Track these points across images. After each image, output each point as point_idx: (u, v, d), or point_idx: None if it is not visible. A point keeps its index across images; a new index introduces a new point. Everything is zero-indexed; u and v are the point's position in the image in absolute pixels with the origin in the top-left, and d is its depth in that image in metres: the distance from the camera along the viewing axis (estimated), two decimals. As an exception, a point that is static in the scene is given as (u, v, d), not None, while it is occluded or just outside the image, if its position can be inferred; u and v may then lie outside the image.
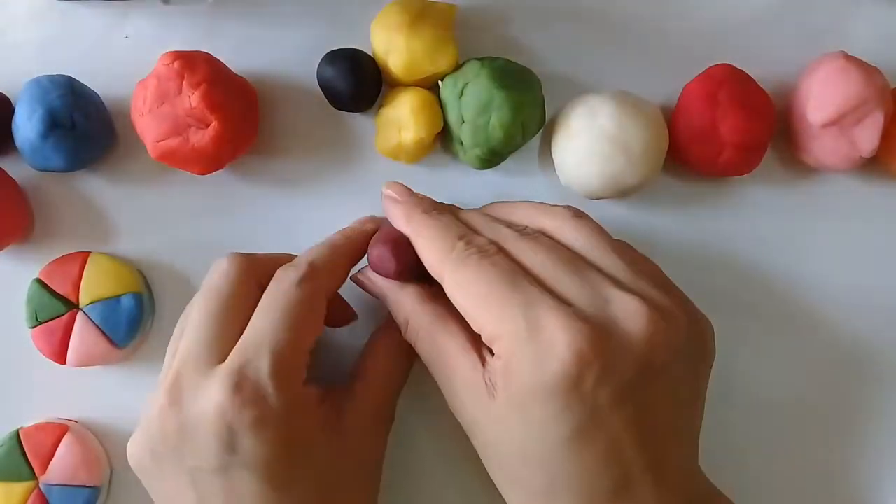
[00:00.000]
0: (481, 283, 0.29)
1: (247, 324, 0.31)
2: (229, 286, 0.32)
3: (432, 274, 0.31)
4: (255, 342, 0.30)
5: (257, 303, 0.31)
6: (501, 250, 0.31)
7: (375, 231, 0.35)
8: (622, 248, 0.32)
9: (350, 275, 0.34)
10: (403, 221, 0.33)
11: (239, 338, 0.30)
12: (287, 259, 0.33)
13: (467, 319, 0.30)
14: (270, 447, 0.29)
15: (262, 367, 0.29)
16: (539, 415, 0.28)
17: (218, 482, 0.29)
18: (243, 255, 0.33)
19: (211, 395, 0.29)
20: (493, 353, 0.29)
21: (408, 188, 0.34)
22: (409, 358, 0.35)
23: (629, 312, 0.29)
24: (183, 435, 0.29)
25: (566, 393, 0.27)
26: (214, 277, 0.32)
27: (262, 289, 0.32)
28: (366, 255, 0.34)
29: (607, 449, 0.28)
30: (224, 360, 0.30)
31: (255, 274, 0.32)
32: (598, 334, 0.28)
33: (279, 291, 0.31)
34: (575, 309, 0.29)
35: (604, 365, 0.28)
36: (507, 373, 0.28)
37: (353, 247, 0.34)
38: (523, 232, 0.32)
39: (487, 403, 0.29)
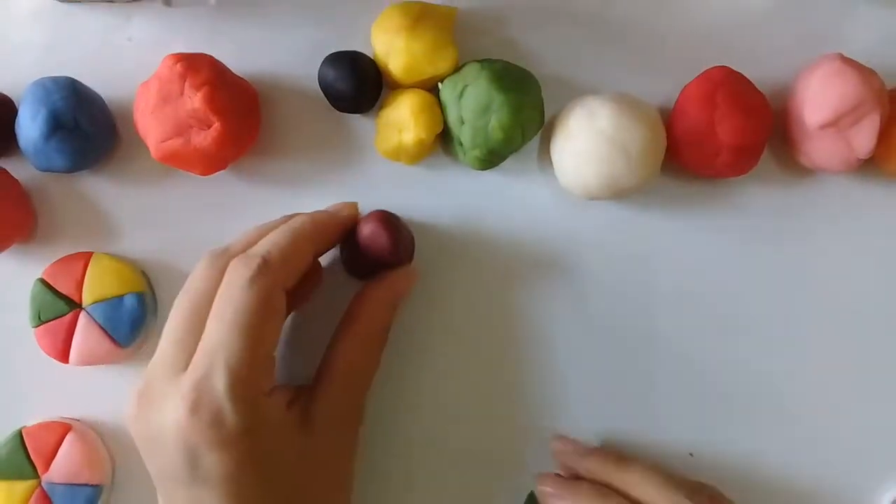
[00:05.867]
0: None
1: None
2: (202, 286, 0.31)
3: None
4: (210, 352, 0.29)
5: None
6: None
7: (351, 221, 0.35)
8: None
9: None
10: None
11: None
12: (255, 240, 0.32)
13: None
14: (231, 466, 0.28)
15: (218, 385, 0.28)
16: None
17: (184, 495, 0.29)
18: (216, 251, 0.32)
19: (171, 413, 0.29)
20: None
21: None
22: (375, 354, 0.34)
23: None
24: (153, 445, 0.30)
25: None
26: (189, 279, 0.32)
27: None
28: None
29: None
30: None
31: (225, 269, 0.31)
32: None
33: (230, 293, 0.30)
34: None
35: None
36: None
37: (319, 232, 0.33)
38: None
39: None
